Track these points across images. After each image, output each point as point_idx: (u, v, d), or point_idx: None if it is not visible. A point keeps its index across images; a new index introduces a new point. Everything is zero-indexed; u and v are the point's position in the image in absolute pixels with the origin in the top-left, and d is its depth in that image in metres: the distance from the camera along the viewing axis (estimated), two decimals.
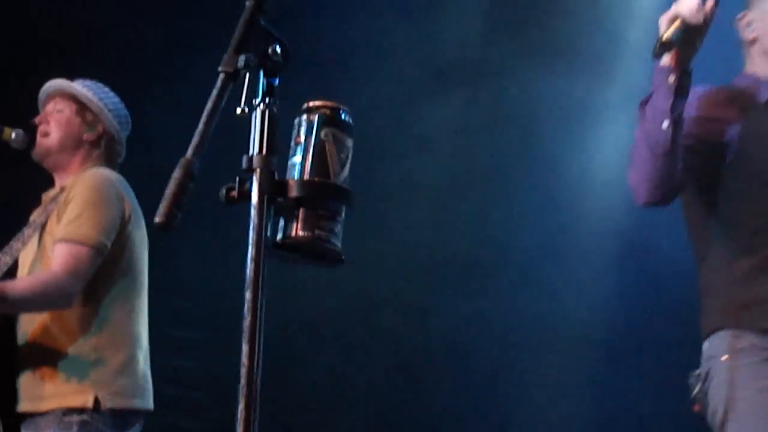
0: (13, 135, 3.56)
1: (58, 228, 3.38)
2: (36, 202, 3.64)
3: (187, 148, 1.81)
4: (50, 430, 3.29)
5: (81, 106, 3.60)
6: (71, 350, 3.35)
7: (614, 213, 5.95)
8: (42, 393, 3.33)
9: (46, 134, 3.55)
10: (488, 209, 6.36)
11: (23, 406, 3.35)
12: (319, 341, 6.80)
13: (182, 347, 7.01)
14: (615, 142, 5.80)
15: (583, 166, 6.26)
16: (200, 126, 1.82)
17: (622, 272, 6.24)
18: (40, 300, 3.28)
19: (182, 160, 1.79)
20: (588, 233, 6.30)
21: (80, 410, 3.30)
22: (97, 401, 3.30)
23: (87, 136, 3.60)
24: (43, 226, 3.46)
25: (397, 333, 6.48)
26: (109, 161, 3.63)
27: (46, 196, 3.63)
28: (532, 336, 6.24)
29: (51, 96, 3.62)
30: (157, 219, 1.80)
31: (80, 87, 3.61)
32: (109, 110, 3.62)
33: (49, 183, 3.65)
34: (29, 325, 3.39)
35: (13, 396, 3.37)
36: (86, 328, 3.36)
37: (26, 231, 3.50)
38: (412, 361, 6.53)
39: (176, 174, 1.79)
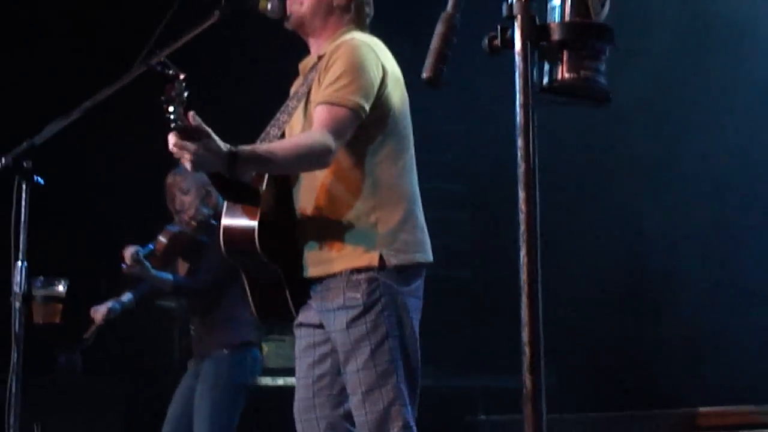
0: (269, 5, 3.58)
1: (319, 91, 3.45)
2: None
3: None
4: (339, 290, 3.41)
5: None
6: (351, 214, 3.43)
7: None
8: (330, 257, 3.43)
9: (298, 2, 3.60)
10: None
11: (312, 271, 3.47)
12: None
13: (448, 201, 7.13)
14: None
15: None
16: None
17: None
18: (306, 157, 3.32)
19: (443, 15, 1.80)
20: None
21: (367, 269, 3.39)
22: (382, 259, 3.39)
23: (337, 1, 3.64)
24: (307, 96, 3.54)
25: None
26: (360, 24, 3.66)
27: (304, 66, 3.70)
28: None
29: None
30: (424, 74, 1.82)
31: None
32: None
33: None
34: (308, 194, 3.48)
35: (297, 263, 3.49)
36: (362, 191, 3.43)
37: (290, 103, 3.58)
38: None
39: (439, 29, 1.80)
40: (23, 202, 3.53)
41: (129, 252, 5.28)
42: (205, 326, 5.48)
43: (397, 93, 3.54)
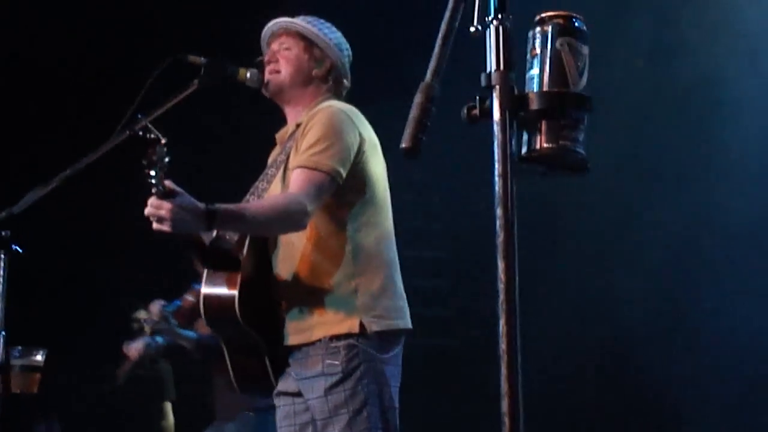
0: (248, 75, 3.63)
1: (295, 158, 3.47)
2: None
3: None
4: (318, 357, 3.40)
5: (308, 42, 3.66)
6: (331, 281, 3.43)
7: None
8: (309, 324, 3.43)
9: (276, 71, 3.63)
10: None
11: (291, 339, 3.47)
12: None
13: (430, 269, 7.13)
14: None
15: None
16: (436, 49, 1.82)
17: None
18: (281, 216, 3.32)
19: (422, 85, 1.81)
20: None
21: (347, 335, 3.39)
22: (362, 326, 3.39)
23: (316, 72, 3.67)
24: (285, 163, 3.55)
25: None
26: (337, 94, 3.70)
27: (281, 135, 3.73)
28: None
29: (276, 34, 3.69)
30: (402, 144, 1.83)
31: (305, 24, 3.67)
32: (335, 45, 3.68)
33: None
34: (287, 262, 3.49)
35: (276, 331, 3.48)
36: (342, 258, 3.44)
37: (269, 171, 3.60)
38: None
39: (418, 99, 1.81)
40: (1, 272, 3.51)
41: (155, 307, 5.24)
42: (230, 387, 5.43)
43: (375, 160, 3.56)
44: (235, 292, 3.34)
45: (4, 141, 7.06)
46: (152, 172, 3.01)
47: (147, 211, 3.09)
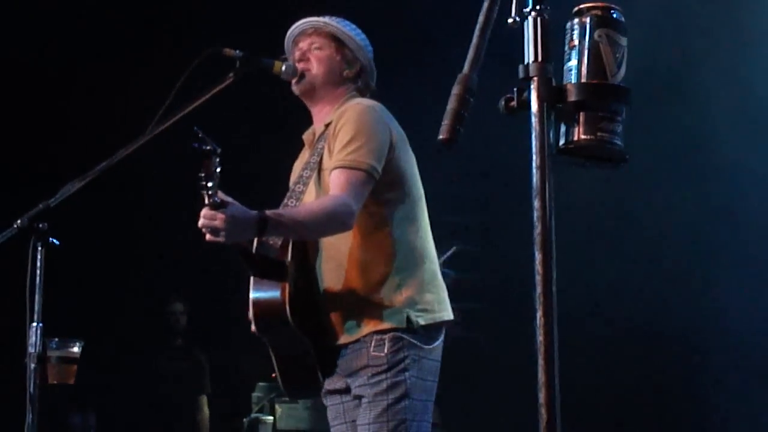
0: (284, 68, 3.63)
1: (330, 158, 3.48)
2: None
3: None
4: (364, 350, 3.42)
5: (340, 44, 3.67)
6: (376, 278, 3.45)
7: None
8: (357, 322, 3.45)
9: (308, 70, 3.64)
10: None
11: (341, 339, 3.48)
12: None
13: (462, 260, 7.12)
14: None
15: None
16: (474, 40, 1.82)
17: None
18: (329, 218, 3.34)
19: (460, 76, 1.80)
20: None
21: (393, 329, 3.42)
22: (409, 320, 3.42)
23: (347, 73, 3.68)
24: (319, 165, 3.56)
25: None
26: (363, 94, 3.71)
27: (308, 136, 3.74)
28: None
29: (306, 33, 3.69)
30: (440, 136, 1.82)
31: (337, 24, 3.68)
32: (364, 46, 3.70)
33: None
34: (330, 262, 3.50)
35: (323, 332, 3.49)
36: (384, 254, 3.47)
37: (304, 173, 3.60)
38: None
39: (456, 90, 1.80)
40: (38, 264, 3.53)
41: None
42: None
43: (406, 155, 3.58)
44: (284, 297, 3.36)
45: (41, 133, 7.12)
46: (209, 184, 3.03)
47: (201, 223, 3.11)
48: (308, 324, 3.43)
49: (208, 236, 3.14)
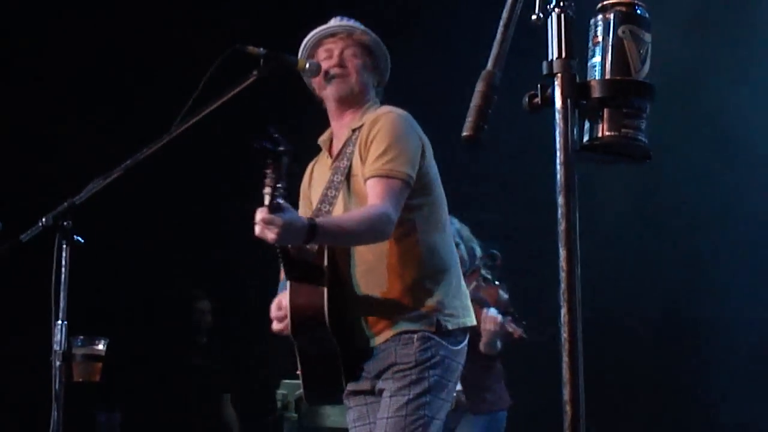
0: (308, 65, 3.64)
1: (365, 167, 3.50)
2: None
3: None
4: (392, 350, 3.46)
5: (371, 54, 3.71)
6: (408, 283, 3.50)
7: None
8: (388, 325, 3.49)
9: (347, 75, 3.66)
10: None
11: (371, 342, 3.51)
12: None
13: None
14: None
15: None
16: (498, 37, 1.81)
17: None
18: (372, 227, 3.37)
19: (484, 73, 1.80)
20: None
21: (423, 330, 3.47)
22: (438, 324, 3.48)
23: (375, 82, 3.74)
24: (349, 170, 3.58)
25: None
26: (382, 103, 3.75)
27: (326, 140, 3.76)
28: None
29: (339, 36, 3.70)
30: (464, 133, 1.82)
31: (369, 34, 3.72)
32: (387, 56, 3.74)
33: None
34: (362, 266, 3.52)
35: (352, 334, 3.51)
36: (415, 260, 3.51)
37: (335, 178, 3.61)
38: None
39: (479, 87, 1.80)
40: (63, 262, 3.55)
41: None
42: None
43: (432, 161, 3.62)
44: (323, 301, 3.40)
45: (65, 131, 7.15)
46: (278, 185, 3.06)
47: (259, 225, 3.13)
48: (340, 326, 3.46)
49: (258, 231, 3.15)
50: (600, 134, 1.90)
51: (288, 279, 3.47)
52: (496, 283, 5.51)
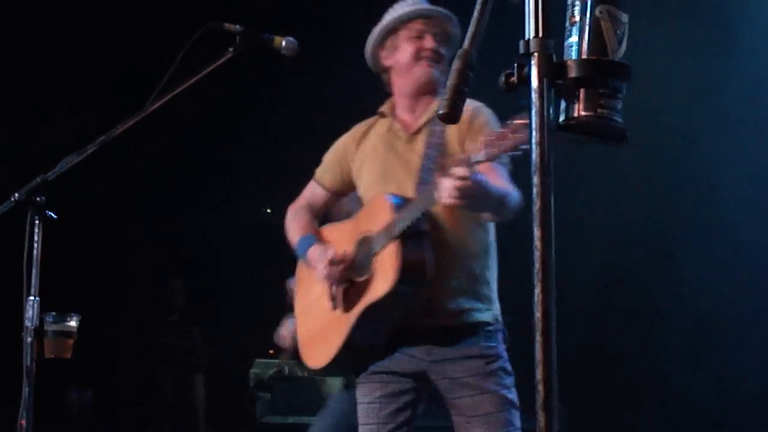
0: (284, 43, 3.56)
1: (463, 148, 3.54)
2: None
3: None
4: (474, 339, 3.57)
5: (452, 48, 3.74)
6: (476, 272, 3.61)
7: None
8: (460, 309, 3.57)
9: (438, 62, 3.74)
10: None
11: (444, 321, 3.57)
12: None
13: None
14: None
15: None
16: (475, 15, 1.81)
17: None
18: (518, 205, 3.41)
19: (460, 51, 1.79)
20: None
21: (494, 323, 3.62)
22: (496, 319, 3.64)
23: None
24: (443, 147, 3.63)
25: None
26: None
27: (390, 110, 3.82)
28: None
29: (439, 20, 3.76)
30: (440, 110, 1.82)
31: (458, 31, 3.76)
32: None
33: None
34: (438, 248, 3.52)
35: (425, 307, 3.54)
36: (483, 250, 3.66)
37: (430, 152, 3.65)
38: None
39: (456, 65, 1.80)
40: (36, 237, 3.53)
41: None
42: None
43: None
44: (431, 256, 3.44)
45: (38, 107, 7.11)
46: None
47: (455, 182, 3.13)
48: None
49: (453, 198, 3.15)
50: (576, 114, 1.89)
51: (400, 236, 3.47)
52: None
